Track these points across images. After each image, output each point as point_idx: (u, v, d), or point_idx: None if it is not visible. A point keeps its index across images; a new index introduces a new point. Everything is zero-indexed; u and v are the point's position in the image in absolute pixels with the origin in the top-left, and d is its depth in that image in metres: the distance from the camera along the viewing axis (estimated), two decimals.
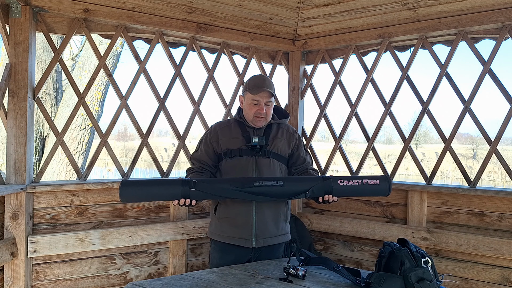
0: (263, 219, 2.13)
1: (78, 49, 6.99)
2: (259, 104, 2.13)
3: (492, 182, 21.65)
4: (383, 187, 1.97)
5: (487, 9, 2.73)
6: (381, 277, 1.64)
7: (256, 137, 2.14)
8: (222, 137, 2.21)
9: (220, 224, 2.19)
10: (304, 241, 3.33)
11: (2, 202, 2.47)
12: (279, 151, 2.21)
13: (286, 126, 2.31)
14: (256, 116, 2.15)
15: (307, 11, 3.32)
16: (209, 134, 2.26)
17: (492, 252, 2.67)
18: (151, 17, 2.92)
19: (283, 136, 2.24)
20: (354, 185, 1.96)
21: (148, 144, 3.05)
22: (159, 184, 1.98)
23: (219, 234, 2.19)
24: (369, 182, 1.96)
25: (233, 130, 2.22)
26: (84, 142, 5.38)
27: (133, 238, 2.83)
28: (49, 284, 2.66)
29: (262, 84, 2.15)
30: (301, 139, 2.34)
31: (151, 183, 1.96)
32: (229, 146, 2.18)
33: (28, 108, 2.55)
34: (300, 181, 2.02)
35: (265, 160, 2.15)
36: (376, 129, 3.27)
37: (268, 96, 2.13)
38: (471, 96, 2.86)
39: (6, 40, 2.53)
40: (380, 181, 1.97)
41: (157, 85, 3.07)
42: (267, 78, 2.24)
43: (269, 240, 2.16)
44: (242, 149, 2.15)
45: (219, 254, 2.19)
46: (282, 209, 2.21)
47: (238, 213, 2.12)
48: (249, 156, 2.15)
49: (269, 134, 2.21)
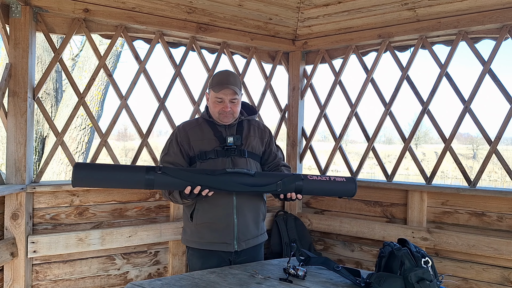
0: (244, 221, 2.06)
1: (78, 49, 6.99)
2: (223, 102, 2.04)
3: (492, 182, 21.65)
4: (349, 187, 2.01)
5: (487, 9, 2.73)
6: (381, 277, 1.64)
7: (231, 137, 2.06)
8: (193, 139, 2.09)
9: (198, 231, 2.08)
10: (304, 241, 3.33)
11: (2, 202, 2.47)
12: (254, 149, 2.14)
13: (256, 122, 2.24)
14: (221, 114, 2.06)
15: (307, 11, 3.32)
16: (178, 135, 2.12)
17: (492, 252, 2.67)
18: (151, 17, 2.92)
19: (255, 134, 2.17)
20: (323, 181, 1.98)
21: (148, 144, 3.04)
22: (120, 170, 1.86)
23: (197, 241, 2.09)
24: (336, 179, 2.01)
25: (204, 130, 2.12)
26: (84, 142, 5.38)
27: (133, 238, 2.83)
28: (49, 284, 2.66)
29: (226, 81, 2.04)
30: (272, 135, 2.28)
31: (111, 168, 1.85)
32: (202, 148, 2.07)
33: (28, 108, 2.55)
34: (272, 175, 2.00)
35: (241, 160, 2.07)
36: (376, 129, 3.27)
37: (232, 93, 2.04)
38: (471, 96, 2.86)
39: (6, 40, 2.53)
40: (347, 181, 2.01)
41: (157, 85, 3.07)
42: (232, 74, 2.12)
43: (251, 241, 2.10)
44: (217, 150, 2.06)
45: (200, 260, 2.09)
46: (261, 208, 2.16)
47: (219, 217, 2.03)
48: (225, 157, 2.05)
49: (241, 132, 2.13)
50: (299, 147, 3.58)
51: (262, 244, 2.22)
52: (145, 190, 2.93)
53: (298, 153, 3.58)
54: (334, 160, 3.49)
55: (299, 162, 3.60)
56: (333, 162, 3.49)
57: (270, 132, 2.27)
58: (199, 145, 2.08)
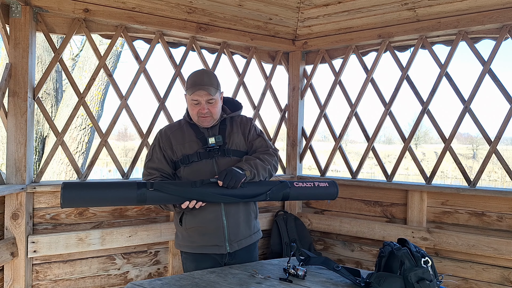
0: (235, 221, 2.02)
1: (78, 49, 7.00)
2: (200, 104, 1.97)
3: (492, 182, 21.65)
4: (332, 191, 2.12)
5: (487, 9, 2.73)
6: (381, 277, 1.64)
7: (212, 137, 1.99)
8: (175, 143, 2.04)
9: (188, 235, 2.05)
10: (304, 241, 3.33)
11: (2, 202, 2.47)
12: (238, 146, 2.07)
13: (239, 117, 2.15)
14: (200, 116, 2.00)
15: (307, 11, 3.32)
16: (161, 140, 2.08)
17: (492, 252, 2.67)
18: (151, 17, 2.92)
19: (238, 130, 2.09)
20: (307, 187, 2.08)
21: (148, 144, 3.04)
22: (110, 187, 1.82)
23: (189, 245, 2.06)
24: (320, 184, 2.11)
25: (186, 133, 2.06)
26: (84, 142, 5.38)
27: (133, 238, 2.83)
28: (49, 284, 2.66)
29: (199, 82, 1.96)
30: (255, 125, 2.18)
31: (101, 185, 1.81)
32: (184, 151, 2.02)
33: (28, 108, 2.55)
34: (260, 184, 2.00)
35: (225, 160, 2.02)
36: (376, 129, 3.27)
37: (206, 94, 1.95)
38: (471, 96, 2.86)
39: (6, 40, 2.53)
40: (329, 184, 2.12)
41: (157, 85, 3.07)
42: (206, 74, 2.05)
43: (243, 242, 2.06)
44: (200, 153, 2.00)
45: (194, 264, 2.06)
46: (251, 207, 2.12)
47: (207, 221, 1.99)
48: (208, 158, 2.00)
49: (224, 130, 2.06)
50: (299, 147, 3.58)
51: (256, 243, 2.18)
52: None
53: (298, 153, 3.58)
54: (334, 160, 3.50)
55: (299, 162, 3.60)
56: (333, 162, 3.49)
57: (252, 123, 2.17)
58: (181, 149, 2.03)
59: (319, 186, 2.10)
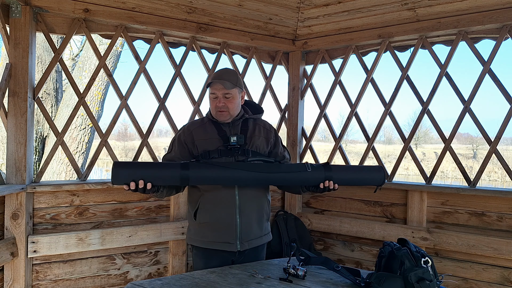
0: (247, 221, 2.05)
1: (78, 49, 6.99)
2: (217, 97, 2.04)
3: (492, 182, 21.65)
4: (378, 175, 2.04)
5: (487, 9, 2.73)
6: (381, 277, 1.64)
7: (234, 136, 2.02)
8: (197, 138, 2.09)
9: (201, 230, 2.08)
10: (304, 241, 3.33)
11: (2, 202, 2.47)
12: (258, 149, 2.10)
13: (262, 122, 2.21)
14: (217, 110, 2.05)
15: (307, 11, 3.32)
16: (183, 135, 2.13)
17: (492, 252, 2.67)
18: (151, 17, 2.92)
19: (260, 134, 2.14)
20: (351, 166, 2.06)
21: (148, 144, 3.05)
22: (157, 167, 1.91)
23: (200, 239, 2.09)
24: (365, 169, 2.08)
25: (208, 130, 2.11)
26: (84, 142, 5.38)
27: (133, 238, 2.83)
28: (49, 284, 2.66)
29: (217, 77, 2.05)
30: (278, 135, 2.25)
31: (148, 165, 1.88)
32: (206, 147, 2.06)
33: (28, 108, 2.55)
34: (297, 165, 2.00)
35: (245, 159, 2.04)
36: (376, 129, 3.27)
37: (222, 88, 2.02)
38: (471, 96, 2.86)
39: (6, 40, 2.53)
40: (376, 169, 2.05)
41: (157, 85, 3.07)
42: (228, 70, 2.13)
43: (253, 242, 2.08)
44: (221, 150, 2.04)
45: (203, 260, 2.09)
46: (265, 208, 2.14)
47: (221, 217, 2.02)
48: (228, 156, 2.03)
49: (246, 131, 2.11)
50: (299, 147, 3.58)
51: (265, 245, 2.20)
52: None
53: (298, 153, 3.58)
54: (334, 160, 3.49)
55: (299, 162, 3.60)
56: (333, 162, 3.48)
57: (275, 132, 2.24)
58: (203, 145, 2.07)
59: (364, 169, 2.07)
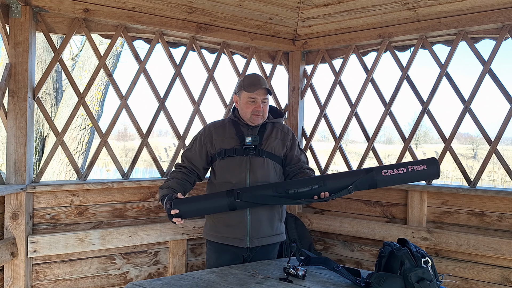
0: (258, 219, 2.14)
1: (78, 49, 6.99)
2: (256, 102, 2.16)
3: (492, 182, 21.63)
4: (432, 171, 1.91)
5: (487, 9, 2.73)
6: (381, 277, 1.64)
7: (249, 137, 2.16)
8: (216, 137, 2.22)
9: (215, 225, 2.21)
10: (304, 241, 3.33)
11: (2, 202, 2.47)
12: (273, 150, 2.21)
13: (281, 125, 2.32)
14: (254, 114, 2.16)
15: (307, 11, 3.32)
16: (203, 134, 2.27)
17: (492, 252, 2.67)
18: (151, 17, 2.92)
19: (277, 136, 2.25)
20: (399, 174, 1.88)
21: (148, 144, 3.04)
22: (206, 199, 2.09)
23: (214, 234, 2.22)
24: (415, 168, 1.89)
25: (227, 130, 2.23)
26: (84, 142, 5.38)
27: (133, 238, 2.83)
28: (49, 284, 2.66)
29: (258, 82, 2.18)
30: (296, 138, 2.35)
31: (198, 198, 2.08)
32: (223, 145, 2.19)
33: (28, 108, 2.55)
34: (341, 177, 2.00)
35: (258, 160, 2.17)
36: (376, 129, 3.27)
37: (264, 93, 2.16)
38: (471, 96, 2.86)
39: (6, 40, 2.53)
40: (428, 165, 1.90)
41: (157, 85, 3.07)
42: (261, 77, 2.28)
43: (264, 240, 2.18)
44: (236, 149, 2.16)
45: (215, 254, 2.22)
46: (276, 209, 2.22)
47: (232, 213, 2.12)
48: (243, 155, 2.16)
49: (263, 133, 2.22)
50: None
51: (276, 244, 2.28)
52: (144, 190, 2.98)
53: None
54: (334, 160, 3.49)
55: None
56: (333, 162, 3.48)
57: (293, 135, 2.33)
58: (220, 143, 2.20)
59: (414, 170, 1.89)
